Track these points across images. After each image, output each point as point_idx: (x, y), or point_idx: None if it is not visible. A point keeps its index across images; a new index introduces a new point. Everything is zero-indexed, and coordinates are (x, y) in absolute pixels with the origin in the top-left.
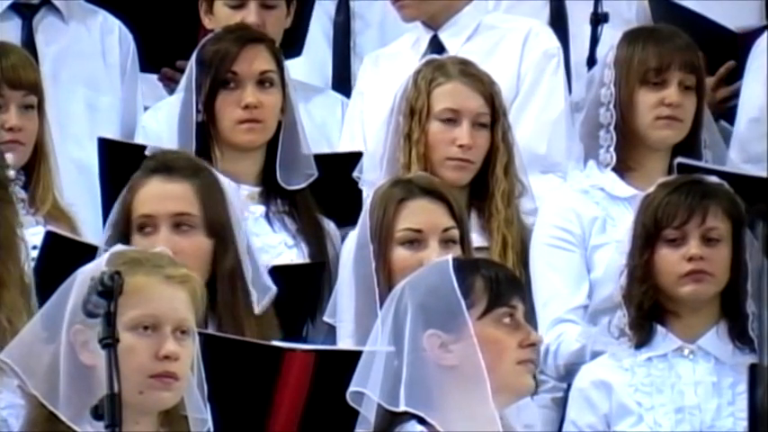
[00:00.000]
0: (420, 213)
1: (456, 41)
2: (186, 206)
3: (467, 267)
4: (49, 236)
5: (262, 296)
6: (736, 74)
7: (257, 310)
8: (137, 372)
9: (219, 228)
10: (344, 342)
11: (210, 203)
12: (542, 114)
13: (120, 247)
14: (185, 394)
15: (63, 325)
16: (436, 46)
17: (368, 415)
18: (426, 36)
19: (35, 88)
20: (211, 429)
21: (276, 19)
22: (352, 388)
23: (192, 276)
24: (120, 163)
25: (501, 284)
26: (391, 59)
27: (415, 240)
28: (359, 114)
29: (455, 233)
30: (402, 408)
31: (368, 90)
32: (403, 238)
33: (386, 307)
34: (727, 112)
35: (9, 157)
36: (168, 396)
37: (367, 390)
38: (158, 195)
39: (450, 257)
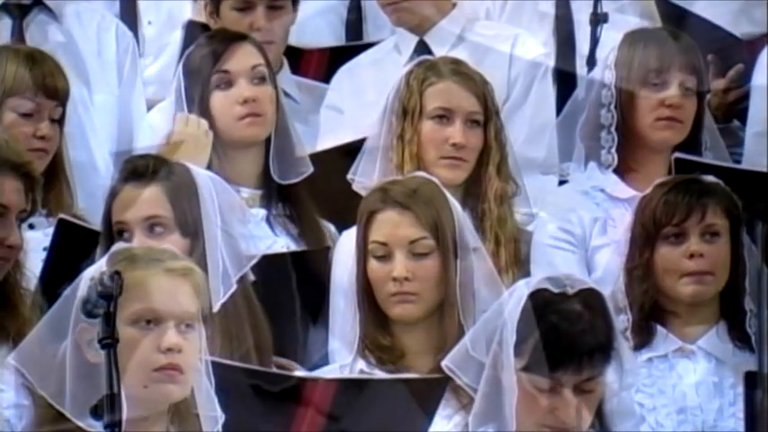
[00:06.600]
0: (386, 226)
1: (442, 46)
2: (157, 209)
3: None
4: (61, 223)
5: (226, 289)
6: (746, 76)
7: (216, 307)
8: (140, 366)
9: (194, 227)
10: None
11: (181, 203)
12: (534, 120)
13: (121, 245)
14: (196, 391)
15: (69, 325)
16: (423, 50)
17: None
18: (410, 40)
19: (65, 99)
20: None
21: (283, 20)
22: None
23: (195, 269)
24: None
25: None
26: (370, 67)
27: (383, 253)
28: (336, 129)
29: (426, 243)
30: None
31: (347, 104)
32: (372, 250)
33: None
34: (739, 112)
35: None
36: (175, 389)
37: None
38: (131, 201)
39: None
